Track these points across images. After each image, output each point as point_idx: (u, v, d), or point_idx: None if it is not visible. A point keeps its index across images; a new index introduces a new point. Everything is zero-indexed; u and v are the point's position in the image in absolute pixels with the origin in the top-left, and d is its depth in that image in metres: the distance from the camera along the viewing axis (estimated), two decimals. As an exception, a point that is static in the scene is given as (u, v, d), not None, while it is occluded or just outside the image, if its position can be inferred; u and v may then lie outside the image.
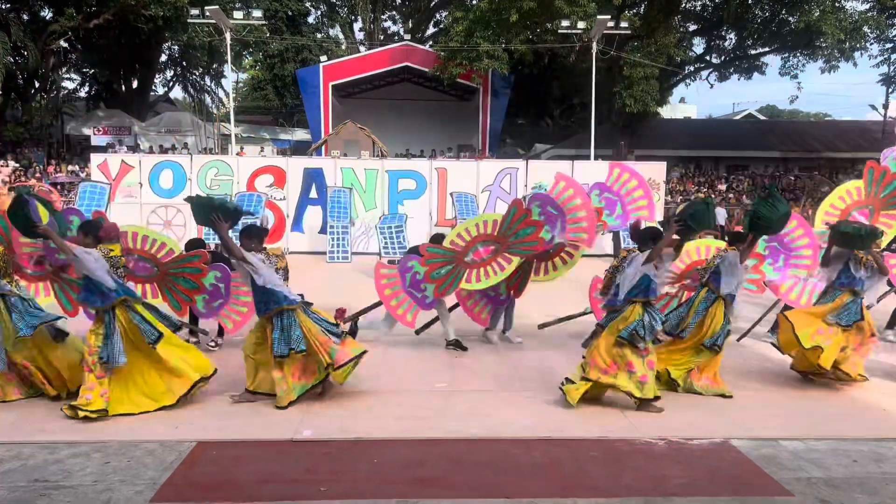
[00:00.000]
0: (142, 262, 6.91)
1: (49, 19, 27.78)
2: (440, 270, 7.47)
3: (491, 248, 7.48)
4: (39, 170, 23.95)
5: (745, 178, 29.91)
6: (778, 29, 26.40)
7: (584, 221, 7.67)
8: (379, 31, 42.76)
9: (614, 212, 8.10)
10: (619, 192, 8.19)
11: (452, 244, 7.53)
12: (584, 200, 7.65)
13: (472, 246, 7.51)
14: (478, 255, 7.50)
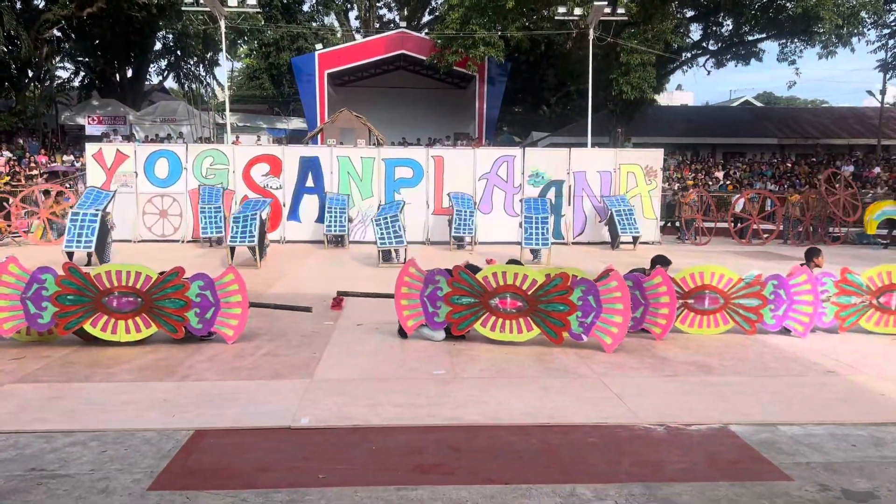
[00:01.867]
0: (125, 297, 6.96)
1: (42, 8, 27.58)
2: (461, 298, 7.34)
3: (518, 303, 7.28)
4: (33, 159, 23.81)
5: (743, 165, 29.89)
6: (775, 15, 26.30)
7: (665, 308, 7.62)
8: (374, 19, 42.57)
9: None
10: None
11: (485, 280, 7.33)
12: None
13: (503, 293, 7.29)
14: (503, 303, 7.30)
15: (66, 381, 6.01)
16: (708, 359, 6.92)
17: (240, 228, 13.11)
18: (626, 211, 17.34)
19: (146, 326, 7.03)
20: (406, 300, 7.59)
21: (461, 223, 16.16)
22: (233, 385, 5.95)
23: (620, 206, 17.43)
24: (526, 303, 7.25)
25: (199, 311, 7.10)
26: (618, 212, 17.24)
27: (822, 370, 6.60)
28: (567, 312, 7.18)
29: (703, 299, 7.89)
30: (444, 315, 7.40)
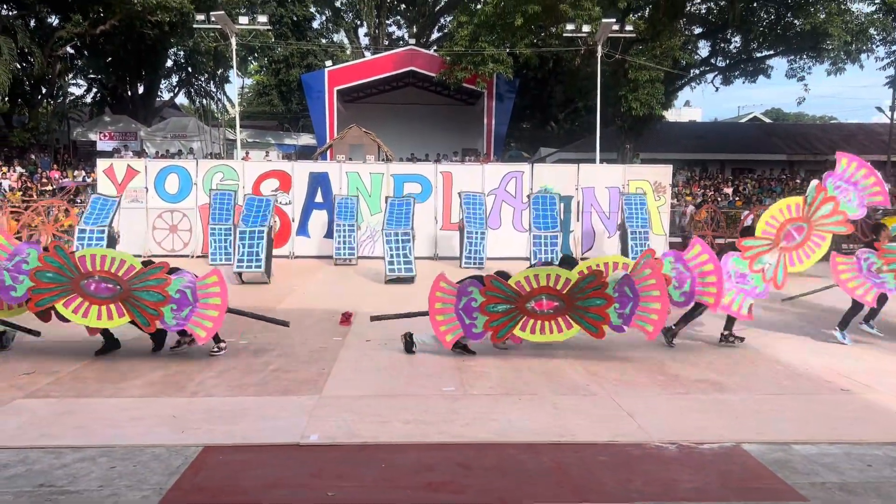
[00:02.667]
0: (104, 282, 6.92)
1: (56, 25, 27.91)
2: (497, 306, 7.26)
3: (555, 303, 7.24)
4: (45, 175, 24.01)
5: (751, 181, 29.82)
6: (783, 32, 26.38)
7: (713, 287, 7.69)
8: (384, 36, 42.89)
9: (850, 201, 8.01)
10: (849, 180, 8.10)
11: (518, 285, 7.27)
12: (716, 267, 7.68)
13: (538, 295, 7.23)
14: (540, 305, 7.24)
15: (75, 397, 6.01)
16: (719, 376, 6.86)
17: (246, 249, 12.99)
18: (642, 233, 16.79)
19: (119, 315, 6.93)
20: (441, 315, 7.44)
21: (472, 245, 15.95)
22: (242, 401, 5.94)
23: (637, 223, 16.82)
24: (562, 302, 7.22)
25: (176, 307, 6.99)
26: (633, 233, 16.73)
27: (835, 388, 6.53)
28: (605, 306, 7.20)
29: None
30: (481, 325, 7.30)
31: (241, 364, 7.11)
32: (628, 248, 16.48)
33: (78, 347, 7.67)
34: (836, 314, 10.22)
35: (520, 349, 7.90)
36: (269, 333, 8.51)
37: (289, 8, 39.41)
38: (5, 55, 23.13)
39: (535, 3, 22.82)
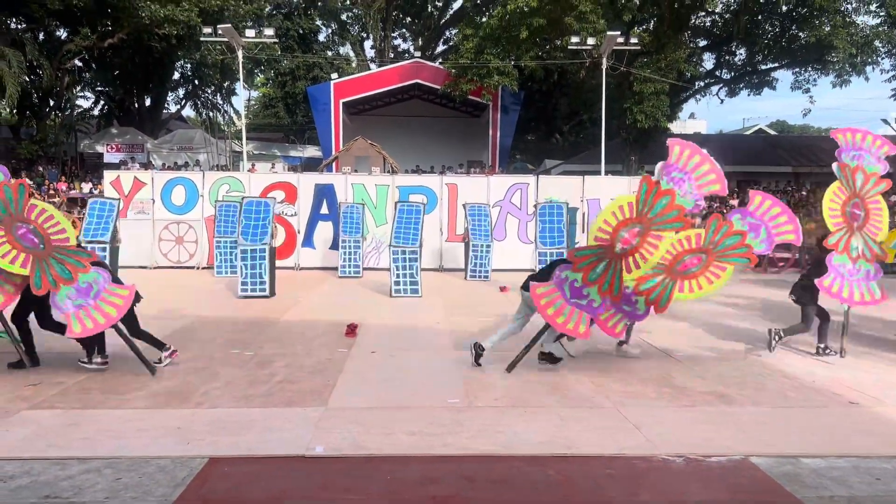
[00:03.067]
0: (33, 234, 6.93)
1: (64, 39, 28.14)
2: (596, 270, 7.17)
3: (635, 230, 7.19)
4: (52, 187, 24.14)
5: (757, 193, 29.74)
6: (788, 44, 26.43)
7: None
8: (389, 49, 43.10)
9: (759, 236, 7.74)
10: (761, 218, 7.86)
11: (597, 239, 7.25)
12: (713, 167, 7.61)
13: (617, 234, 7.18)
14: (625, 241, 7.18)
15: (81, 408, 6.01)
16: (726, 389, 6.83)
17: (249, 271, 12.69)
18: None
19: (23, 265, 6.85)
20: (560, 317, 7.21)
21: (478, 258, 16.00)
22: (247, 412, 5.93)
23: None
24: (638, 224, 7.21)
25: (74, 293, 6.95)
26: None
27: (844, 401, 6.48)
28: (741, 240, 7.50)
29: (686, 265, 7.46)
30: (594, 293, 7.19)
31: (247, 375, 7.10)
32: None
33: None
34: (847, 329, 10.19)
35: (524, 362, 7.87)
36: (274, 344, 8.53)
37: (295, 21, 39.73)
38: (14, 68, 23.32)
39: (539, 16, 22.93)
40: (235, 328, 9.68)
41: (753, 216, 7.77)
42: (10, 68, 23.08)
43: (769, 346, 8.43)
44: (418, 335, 9.37)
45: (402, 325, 10.05)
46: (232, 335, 9.17)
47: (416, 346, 8.66)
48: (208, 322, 10.15)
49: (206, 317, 10.60)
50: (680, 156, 7.56)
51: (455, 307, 11.88)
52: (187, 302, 12.19)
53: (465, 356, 8.04)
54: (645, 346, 8.68)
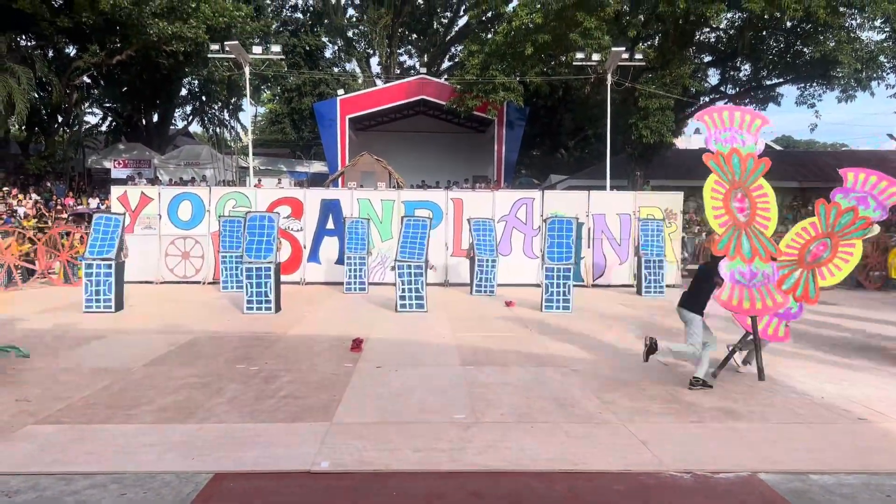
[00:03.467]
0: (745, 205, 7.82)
1: (73, 56, 28.40)
2: (792, 278, 7.96)
3: (824, 242, 7.97)
4: (60, 202, 24.27)
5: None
6: (793, 60, 26.46)
7: None
8: (395, 65, 43.36)
9: (868, 206, 8.07)
10: (862, 189, 8.23)
11: (787, 254, 8.03)
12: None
13: (806, 250, 8.03)
14: (814, 255, 8.00)
15: (86, 423, 6.00)
16: (734, 405, 6.78)
17: (254, 289, 12.56)
18: (657, 262, 16.46)
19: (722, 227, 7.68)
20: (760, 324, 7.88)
21: (483, 272, 15.90)
22: (252, 427, 5.92)
23: (653, 251, 16.48)
24: (829, 238, 7.96)
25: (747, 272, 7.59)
26: (647, 261, 16.40)
27: (853, 417, 6.43)
28: (855, 215, 7.91)
29: (815, 253, 8.08)
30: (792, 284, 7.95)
31: (252, 390, 7.09)
32: (642, 276, 16.37)
33: (90, 373, 7.69)
34: (853, 344, 10.16)
35: (535, 375, 7.85)
36: (280, 360, 8.52)
37: (302, 38, 40.04)
38: (24, 85, 23.53)
39: (544, 33, 23.04)
40: (241, 343, 9.67)
41: (854, 190, 8.11)
42: (19, 85, 23.28)
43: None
44: (424, 350, 9.35)
45: (408, 340, 10.03)
46: (237, 351, 9.17)
47: (421, 361, 8.64)
48: (214, 337, 10.15)
49: (211, 332, 10.61)
50: (856, 181, 8.17)
51: (460, 322, 11.86)
52: (193, 317, 12.20)
53: (472, 371, 8.03)
54: (652, 363, 8.63)
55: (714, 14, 22.13)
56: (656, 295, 16.17)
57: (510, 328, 11.38)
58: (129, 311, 12.90)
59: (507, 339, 10.31)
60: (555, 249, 13.74)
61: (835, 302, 15.19)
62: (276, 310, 12.70)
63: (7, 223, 18.86)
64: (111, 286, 12.68)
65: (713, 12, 21.87)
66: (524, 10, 23.07)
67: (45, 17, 23.90)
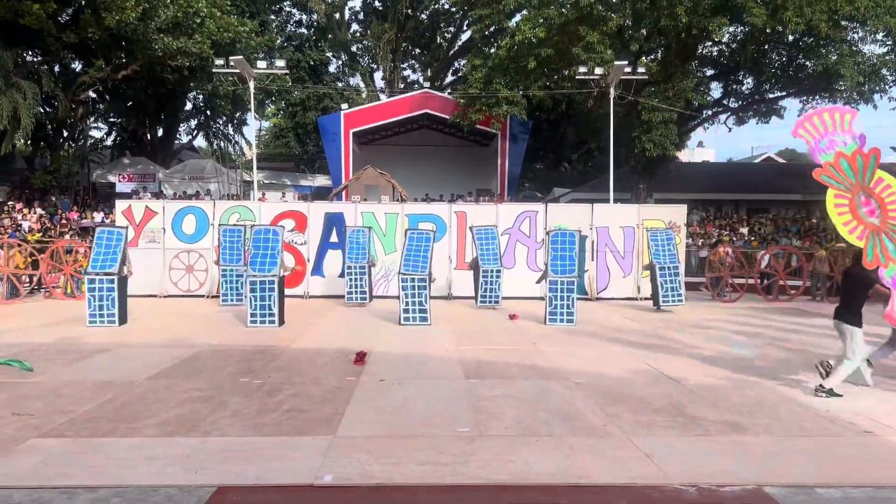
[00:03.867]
0: (875, 207, 7.54)
1: (79, 71, 28.59)
2: None
3: (867, 200, 7.58)
4: (64, 216, 24.35)
5: (767, 221, 29.69)
6: (795, 73, 26.53)
7: None
8: (399, 80, 43.56)
9: None
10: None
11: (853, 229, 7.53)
12: None
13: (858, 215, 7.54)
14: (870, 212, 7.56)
15: (89, 436, 5.99)
16: (739, 418, 6.75)
17: (258, 302, 12.54)
18: (671, 269, 15.90)
19: (860, 238, 7.41)
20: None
21: (488, 283, 15.88)
22: (256, 441, 5.90)
23: (665, 258, 15.90)
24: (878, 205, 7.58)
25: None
26: (662, 269, 15.85)
27: (858, 430, 6.39)
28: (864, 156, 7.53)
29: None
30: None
31: (255, 404, 7.08)
32: (658, 286, 15.90)
33: (93, 387, 7.69)
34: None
35: (538, 388, 7.82)
36: (283, 373, 8.51)
37: (306, 53, 40.27)
38: (29, 100, 23.69)
39: (547, 47, 23.14)
40: (244, 357, 9.66)
41: (827, 135, 7.78)
42: (25, 100, 23.44)
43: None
44: (427, 363, 9.33)
45: (412, 354, 10.01)
46: (241, 364, 9.16)
47: (425, 374, 8.61)
48: (217, 351, 10.15)
49: (215, 345, 10.60)
50: (819, 128, 7.78)
51: (464, 335, 11.84)
52: (197, 331, 12.20)
53: (476, 384, 8.01)
54: (656, 375, 8.61)
55: (716, 28, 22.21)
56: (676, 303, 15.80)
57: (514, 341, 11.35)
58: (132, 324, 12.90)
59: (511, 352, 10.29)
60: (558, 262, 13.68)
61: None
62: (280, 323, 12.69)
63: (12, 237, 18.93)
64: (114, 300, 12.67)
65: (715, 26, 21.95)
66: (527, 24, 23.19)
67: (52, 33, 24.09)
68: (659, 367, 9.13)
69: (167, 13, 24.08)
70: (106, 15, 22.61)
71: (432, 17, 44.03)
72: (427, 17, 44.08)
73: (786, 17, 20.76)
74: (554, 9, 23.09)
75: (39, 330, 12.03)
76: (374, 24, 42.52)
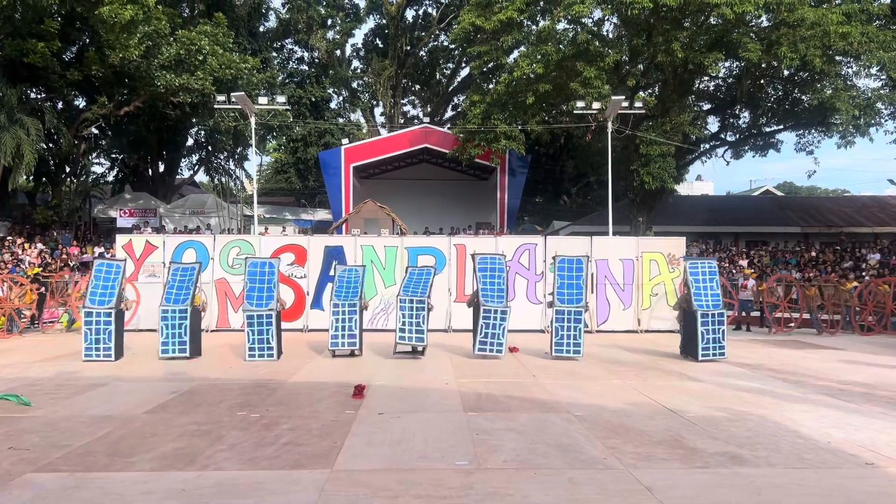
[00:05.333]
0: None
1: (82, 108, 28.91)
2: None
3: None
4: (65, 251, 24.41)
5: (765, 254, 29.73)
6: (791, 107, 26.81)
7: None
8: (399, 115, 44.00)
9: None
10: None
11: None
12: None
13: None
14: None
15: (85, 471, 5.95)
16: (739, 450, 6.70)
17: (256, 336, 12.44)
18: (716, 316, 12.89)
19: None
20: None
21: (490, 326, 12.87)
22: (253, 475, 5.85)
23: (709, 300, 12.98)
24: None
25: None
26: (704, 317, 12.83)
27: (860, 462, 6.34)
28: None
29: None
30: None
31: (253, 437, 7.03)
32: (698, 336, 12.83)
33: (90, 421, 7.65)
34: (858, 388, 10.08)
35: (534, 420, 7.77)
36: (281, 407, 8.46)
37: (307, 90, 40.72)
38: (32, 136, 23.90)
39: (545, 82, 23.43)
40: (242, 391, 9.62)
41: None
42: (28, 136, 23.66)
43: None
44: (427, 396, 9.28)
45: (410, 387, 9.97)
46: (239, 398, 9.11)
47: (424, 407, 8.57)
48: (215, 385, 10.10)
49: (213, 379, 10.56)
50: None
51: (463, 368, 11.79)
52: (194, 364, 12.17)
53: (475, 417, 7.96)
54: (656, 407, 8.56)
55: (712, 63, 22.53)
56: (718, 357, 12.85)
57: (514, 374, 11.31)
58: (130, 358, 12.86)
59: (511, 384, 10.24)
60: (565, 291, 12.93)
61: (842, 347, 15.13)
62: (278, 356, 12.65)
63: (12, 272, 18.96)
64: (111, 334, 12.58)
65: (711, 61, 22.26)
66: (525, 60, 23.50)
67: (56, 71, 24.43)
68: (658, 399, 9.08)
69: (170, 51, 24.43)
70: (110, 53, 22.93)
71: (432, 53, 44.65)
72: (426, 54, 44.71)
73: (780, 52, 21.06)
74: (551, 45, 23.42)
75: (37, 365, 11.99)
76: (374, 60, 43.10)
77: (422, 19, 44.21)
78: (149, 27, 23.03)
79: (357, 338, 13.09)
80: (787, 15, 21.02)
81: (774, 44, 21.54)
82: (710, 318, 12.87)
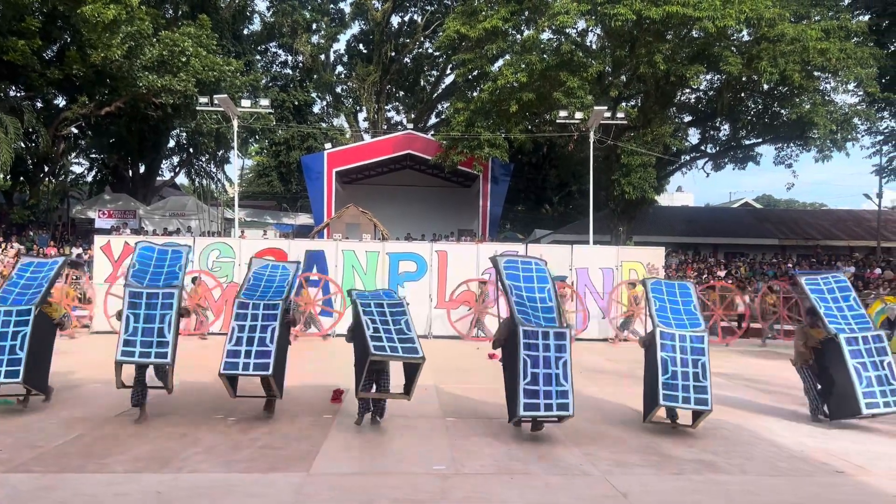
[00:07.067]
0: None
1: (62, 107, 28.61)
2: None
3: None
4: (42, 252, 24.10)
5: (743, 265, 30.05)
6: (771, 121, 27.17)
7: None
8: (382, 121, 43.99)
9: None
10: None
11: None
12: None
13: None
14: None
15: (58, 472, 5.89)
16: (714, 457, 6.77)
17: (252, 350, 7.96)
18: (879, 349, 8.39)
19: None
20: None
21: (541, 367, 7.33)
22: (228, 478, 5.83)
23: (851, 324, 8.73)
24: None
25: None
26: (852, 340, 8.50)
27: (830, 470, 6.43)
28: None
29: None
30: None
31: (229, 440, 7.00)
32: (854, 381, 8.08)
33: (64, 423, 7.57)
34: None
35: (512, 428, 7.78)
36: (258, 410, 8.41)
37: (291, 93, 40.62)
38: (11, 134, 23.60)
39: (529, 91, 23.56)
40: (219, 394, 9.53)
41: None
42: (6, 135, 23.36)
43: None
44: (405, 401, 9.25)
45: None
46: (215, 401, 9.05)
47: (402, 411, 8.55)
48: (193, 387, 10.02)
49: (190, 382, 10.47)
50: None
51: (443, 374, 11.78)
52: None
53: (453, 422, 7.97)
54: (633, 415, 8.63)
55: (693, 76, 22.79)
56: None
57: (493, 380, 11.29)
58: (107, 359, 12.69)
59: (490, 391, 10.24)
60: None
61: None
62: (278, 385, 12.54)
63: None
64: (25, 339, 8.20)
65: (692, 74, 22.53)
66: (509, 69, 23.62)
67: (36, 69, 24.16)
68: (636, 406, 9.14)
69: (153, 52, 24.27)
70: (91, 52, 22.73)
71: (416, 60, 44.73)
72: (411, 60, 44.78)
73: (760, 66, 21.36)
74: (535, 55, 23.56)
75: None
76: (358, 66, 43.08)
77: (407, 26, 44.28)
78: (131, 27, 22.86)
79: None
80: (768, 30, 21.33)
81: (755, 58, 21.85)
82: (866, 349, 8.46)
